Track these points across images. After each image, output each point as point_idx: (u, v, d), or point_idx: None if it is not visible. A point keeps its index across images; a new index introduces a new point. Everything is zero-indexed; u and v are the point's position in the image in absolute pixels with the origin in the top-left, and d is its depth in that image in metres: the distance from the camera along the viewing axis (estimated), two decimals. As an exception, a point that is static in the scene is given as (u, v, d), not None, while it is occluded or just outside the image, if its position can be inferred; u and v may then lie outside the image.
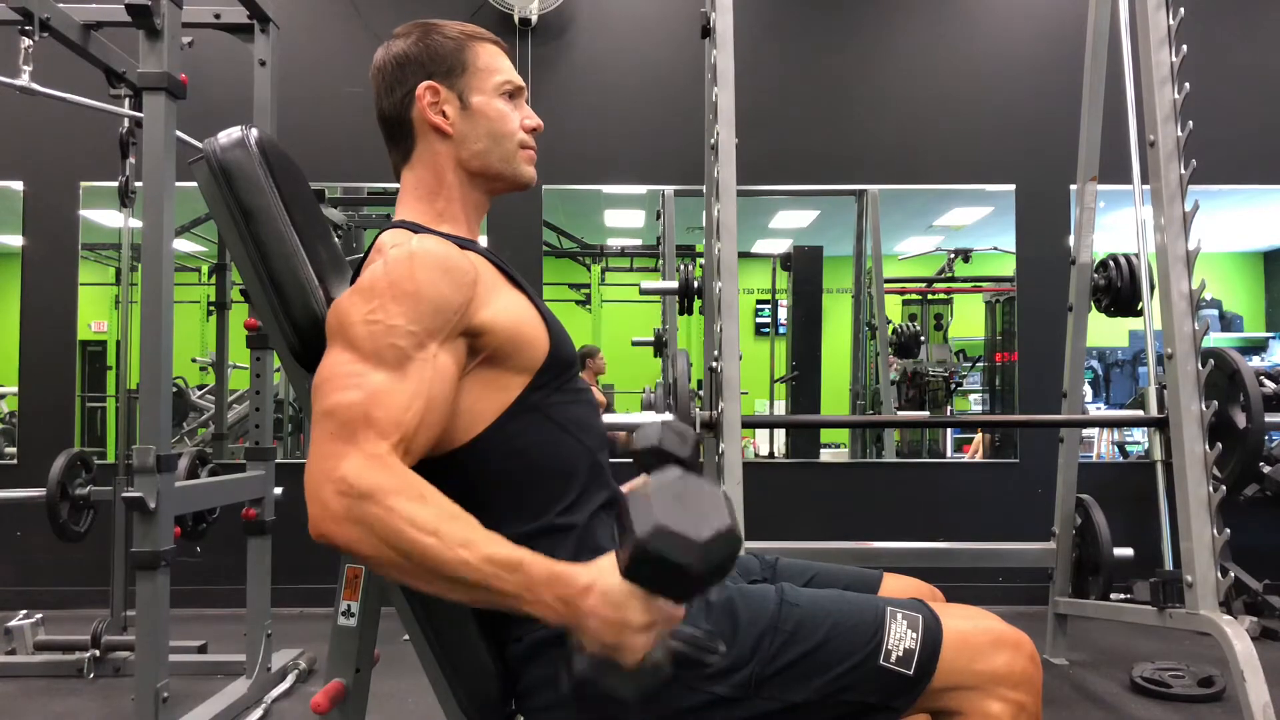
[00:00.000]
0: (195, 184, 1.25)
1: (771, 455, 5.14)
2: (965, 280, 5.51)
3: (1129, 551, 3.10)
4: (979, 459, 5.07)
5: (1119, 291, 3.15)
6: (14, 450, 4.30)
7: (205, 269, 4.84)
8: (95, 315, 4.86)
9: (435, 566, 0.91)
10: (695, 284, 3.07)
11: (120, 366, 3.48)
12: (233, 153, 1.22)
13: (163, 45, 2.30)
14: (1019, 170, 4.45)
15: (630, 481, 1.04)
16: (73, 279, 4.32)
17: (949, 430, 5.34)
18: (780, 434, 5.08)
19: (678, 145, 4.14)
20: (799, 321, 5.06)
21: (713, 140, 2.64)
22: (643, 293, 3.56)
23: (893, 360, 5.27)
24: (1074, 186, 3.39)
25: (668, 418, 1.09)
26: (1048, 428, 3.86)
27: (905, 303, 5.66)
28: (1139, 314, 3.19)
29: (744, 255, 3.43)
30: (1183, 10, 2.58)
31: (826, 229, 5.70)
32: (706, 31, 2.75)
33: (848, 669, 1.07)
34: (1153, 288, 3.10)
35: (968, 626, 1.10)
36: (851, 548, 3.32)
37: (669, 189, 4.53)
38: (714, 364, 2.57)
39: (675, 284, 3.12)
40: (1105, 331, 5.42)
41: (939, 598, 1.32)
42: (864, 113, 4.52)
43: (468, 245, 1.17)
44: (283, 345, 1.22)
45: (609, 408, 5.31)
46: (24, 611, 3.35)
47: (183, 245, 4.94)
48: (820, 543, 3.38)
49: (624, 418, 3.78)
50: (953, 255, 5.47)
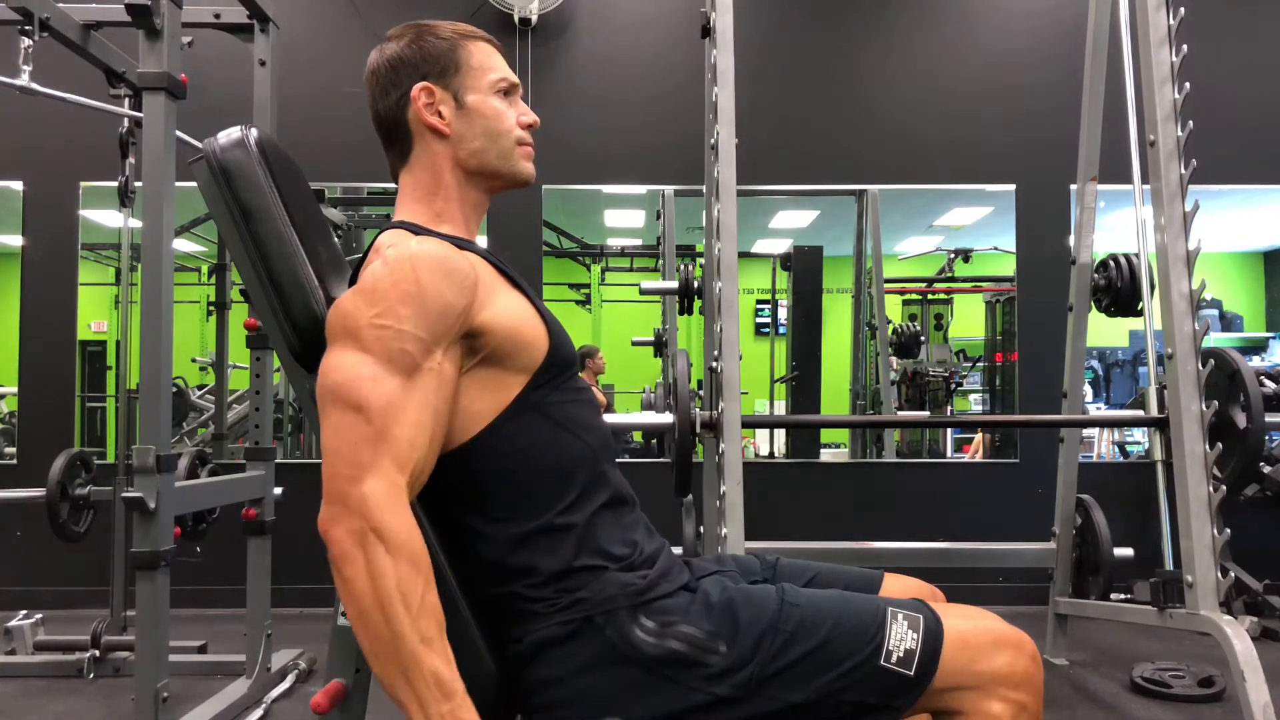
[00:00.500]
0: (195, 184, 1.25)
1: (771, 455, 5.14)
2: (965, 280, 5.51)
3: (1129, 551, 3.10)
4: (979, 459, 5.07)
5: (1119, 291, 3.15)
6: (14, 450, 4.30)
7: (205, 269, 4.84)
8: (95, 315, 4.86)
9: (391, 638, 0.94)
10: (695, 284, 3.07)
11: (120, 366, 3.48)
12: (232, 153, 1.22)
13: (163, 45, 2.30)
14: (1019, 170, 4.45)
15: None
16: (73, 279, 4.32)
17: (949, 430, 5.34)
18: (780, 434, 5.08)
19: (678, 145, 4.13)
20: (799, 321, 5.06)
21: (713, 140, 2.64)
22: (643, 293, 3.56)
23: (892, 361, 5.27)
24: (1074, 186, 3.39)
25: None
26: (1048, 428, 3.86)
27: (905, 303, 5.66)
28: (1139, 314, 3.18)
29: (744, 255, 3.43)
30: (1183, 10, 2.58)
31: (826, 229, 5.70)
32: (706, 31, 2.75)
33: (848, 669, 1.07)
34: (1153, 288, 3.10)
35: (968, 627, 1.10)
36: (851, 548, 3.32)
37: (669, 189, 4.53)
38: (714, 364, 2.57)
39: (675, 284, 3.12)
40: (1105, 331, 5.42)
41: (940, 598, 1.32)
42: (864, 113, 4.52)
43: (466, 246, 1.17)
44: (283, 345, 1.22)
45: (609, 408, 5.31)
46: (24, 611, 3.35)
47: (183, 245, 4.94)
48: (820, 543, 3.38)
49: (625, 418, 3.78)
50: (953, 255, 5.47)
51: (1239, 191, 4.61)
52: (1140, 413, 3.89)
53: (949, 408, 5.31)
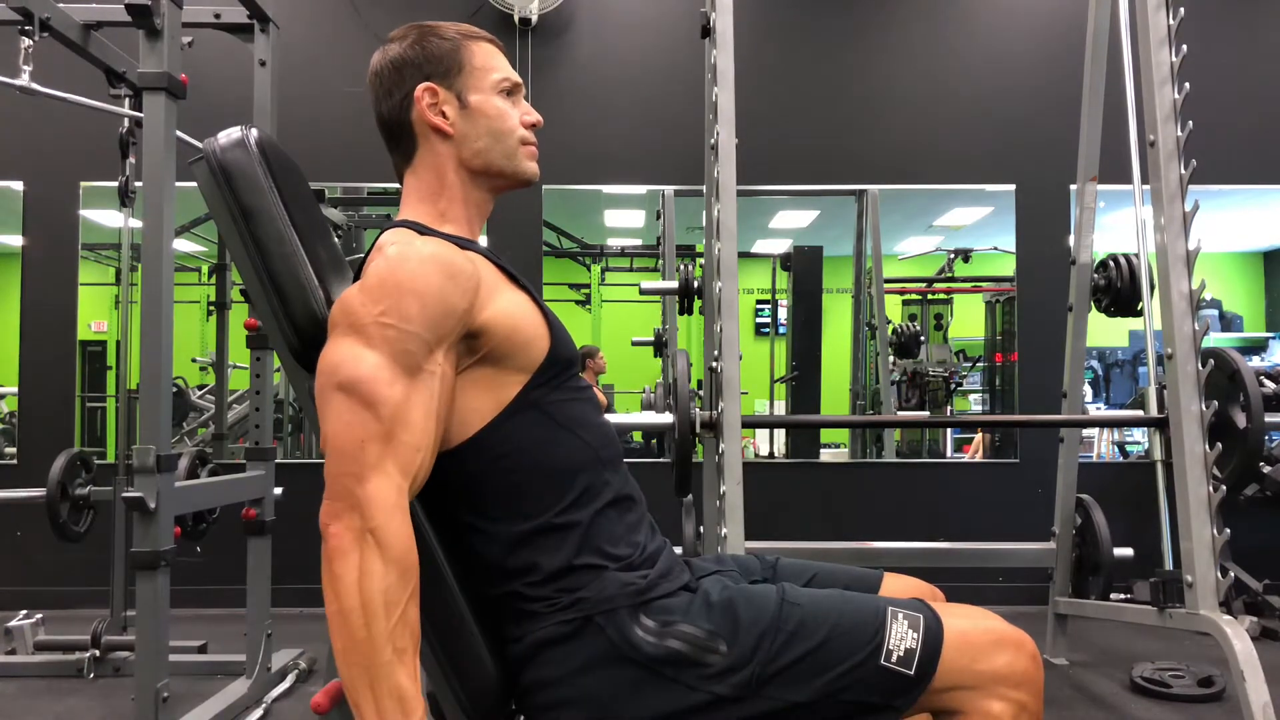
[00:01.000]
0: (195, 184, 1.25)
1: (771, 455, 5.14)
2: (965, 280, 5.50)
3: (1129, 551, 3.10)
4: (979, 459, 5.07)
5: (1119, 291, 3.15)
6: (14, 450, 4.30)
7: (205, 269, 4.84)
8: (95, 315, 4.86)
9: (365, 642, 0.94)
10: (695, 284, 3.07)
11: (120, 366, 3.48)
12: (233, 153, 1.22)
13: (163, 45, 2.30)
14: (1019, 170, 4.45)
15: None
16: (73, 279, 4.32)
17: (949, 430, 5.34)
18: (780, 434, 5.07)
19: (678, 145, 4.14)
20: (799, 321, 5.06)
21: (713, 140, 2.64)
22: (643, 293, 3.56)
23: (892, 361, 5.27)
24: (1074, 186, 3.39)
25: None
26: (1048, 428, 3.86)
27: (905, 303, 5.65)
28: (1139, 314, 3.18)
29: (744, 255, 3.43)
30: (1183, 10, 2.58)
31: (826, 229, 5.70)
32: (706, 31, 2.75)
33: (848, 669, 1.07)
34: (1153, 288, 3.10)
35: (969, 626, 1.10)
36: (851, 548, 3.32)
37: (669, 189, 4.53)
38: (714, 364, 2.57)
39: (675, 284, 3.12)
40: (1105, 331, 5.42)
41: (940, 598, 1.32)
42: (864, 113, 4.52)
43: (468, 246, 1.17)
44: (283, 345, 1.22)
45: (609, 408, 5.31)
46: (24, 611, 3.35)
47: (183, 245, 4.94)
48: (820, 543, 3.39)
49: (625, 418, 3.78)
50: (953, 255, 5.46)
51: (1239, 191, 4.61)
52: (1140, 413, 3.89)
53: (949, 408, 5.31)
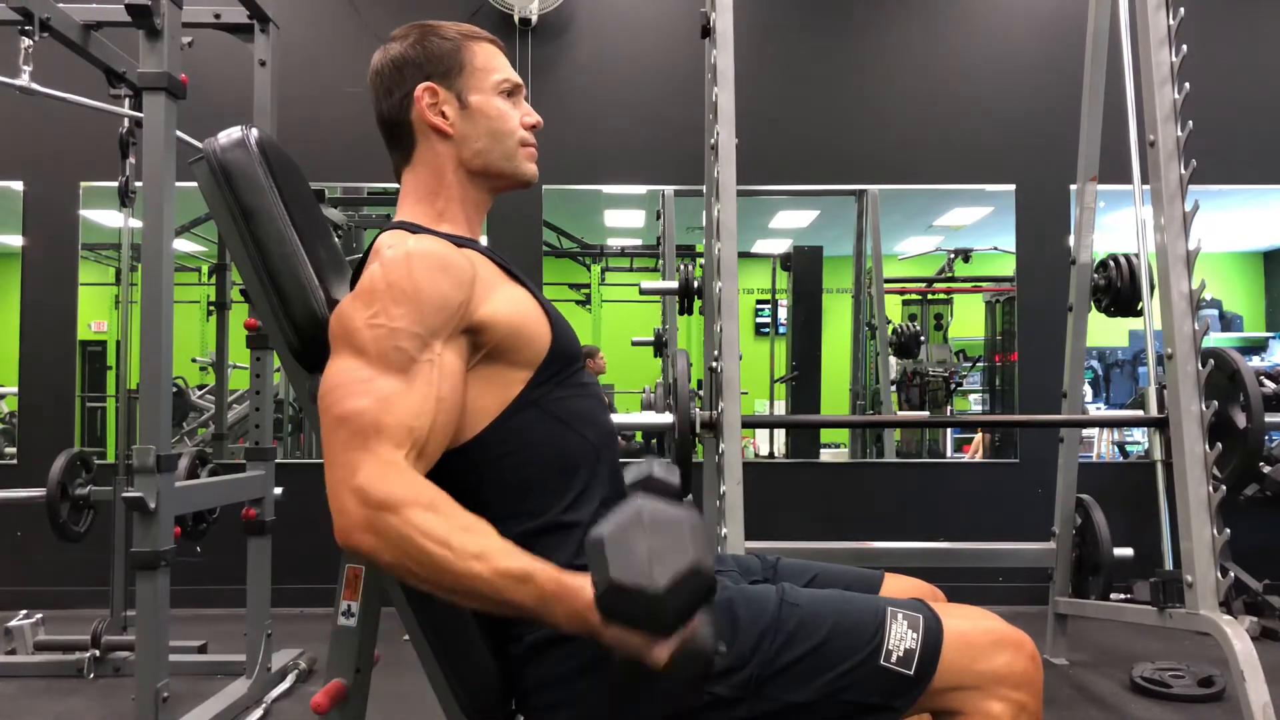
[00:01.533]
0: (195, 184, 1.25)
1: (771, 455, 5.14)
2: (965, 280, 5.50)
3: (1129, 551, 3.10)
4: (979, 459, 5.07)
5: (1119, 291, 3.15)
6: (14, 450, 4.30)
7: (205, 269, 4.84)
8: (95, 315, 4.86)
9: (448, 578, 0.93)
10: (695, 284, 3.07)
11: (120, 366, 3.48)
12: (233, 153, 1.22)
13: (163, 45, 2.30)
14: (1019, 170, 4.45)
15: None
16: (73, 279, 4.32)
17: (949, 430, 5.34)
18: (780, 434, 5.07)
19: (678, 145, 4.14)
20: (799, 321, 5.06)
21: (713, 140, 2.64)
22: (643, 293, 3.56)
23: (892, 361, 5.27)
24: (1074, 186, 3.39)
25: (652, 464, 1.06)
26: (1048, 428, 3.86)
27: (905, 303, 5.65)
28: (1139, 314, 3.18)
29: (744, 255, 3.43)
30: (1183, 10, 2.58)
31: (826, 229, 5.70)
32: (706, 31, 2.75)
33: (848, 669, 1.07)
34: (1153, 288, 3.10)
35: (968, 627, 1.10)
36: (851, 548, 3.32)
37: (669, 189, 4.53)
38: (714, 364, 2.57)
39: (675, 284, 3.12)
40: (1105, 331, 5.42)
41: (940, 598, 1.32)
42: (864, 113, 4.52)
43: (466, 244, 1.17)
44: (283, 345, 1.22)
45: (609, 408, 5.30)
46: (24, 611, 3.35)
47: (183, 245, 4.94)
48: (820, 543, 3.39)
49: (625, 418, 3.78)
50: (953, 255, 5.46)
51: (1239, 191, 4.61)
52: (1140, 413, 3.89)
53: (949, 408, 5.31)
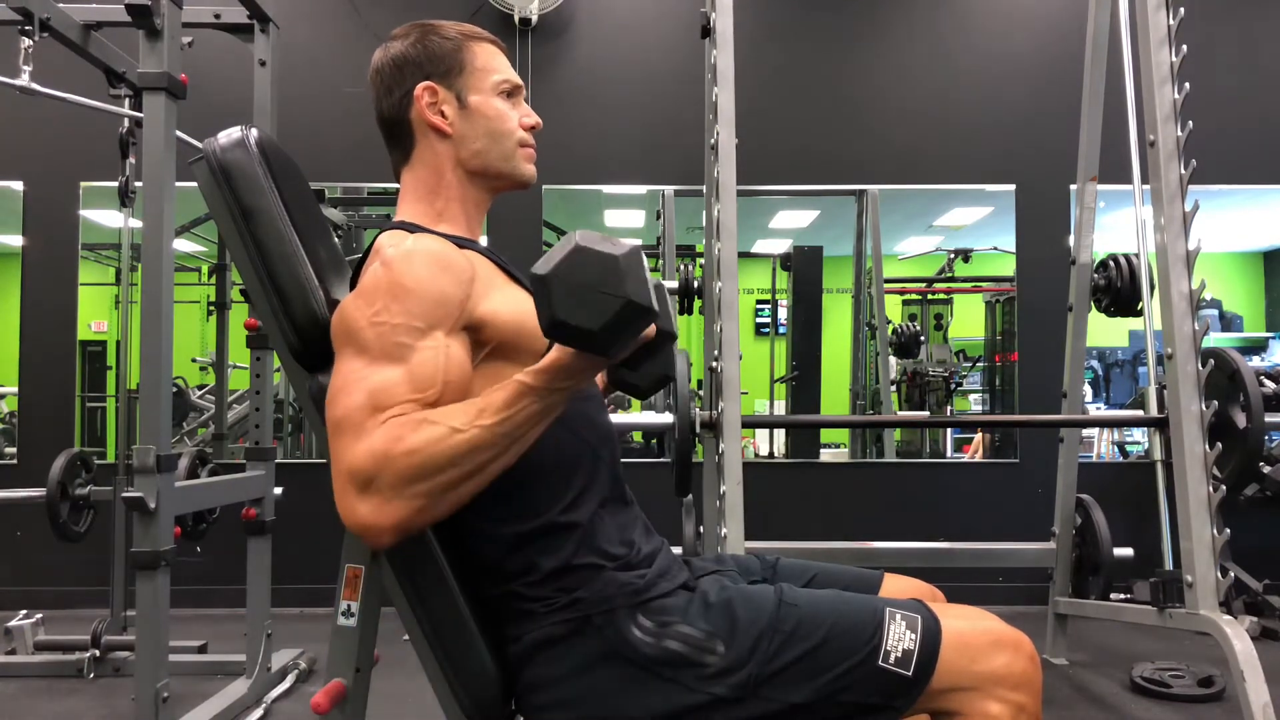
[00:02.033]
0: (195, 184, 1.25)
1: (771, 455, 5.13)
2: (965, 280, 5.50)
3: (1129, 551, 3.10)
4: (979, 459, 5.07)
5: (1119, 291, 3.15)
6: (14, 450, 4.30)
7: (205, 269, 4.83)
8: (95, 315, 4.86)
9: (479, 457, 0.97)
10: (695, 284, 3.07)
11: (120, 366, 3.48)
12: (233, 153, 1.23)
13: (163, 45, 2.30)
14: (1019, 170, 4.45)
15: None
16: (73, 279, 4.32)
17: (949, 430, 5.34)
18: (780, 434, 5.07)
19: (678, 145, 4.14)
20: (799, 321, 5.06)
21: (713, 140, 2.64)
22: (643, 292, 3.55)
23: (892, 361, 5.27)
24: (1074, 186, 3.39)
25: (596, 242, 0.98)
26: (1048, 428, 3.86)
27: (905, 303, 5.65)
28: (1139, 314, 3.18)
29: (744, 255, 3.43)
30: (1183, 10, 2.58)
31: (826, 229, 5.69)
32: (706, 31, 2.75)
33: (846, 669, 1.07)
34: (1153, 288, 3.10)
35: (967, 627, 1.10)
36: (851, 548, 3.32)
37: (669, 189, 4.53)
38: (714, 364, 2.57)
39: (675, 284, 3.12)
40: (1105, 331, 5.42)
41: (939, 598, 1.32)
42: (864, 113, 4.52)
43: (465, 244, 1.17)
44: (283, 345, 1.22)
45: (608, 408, 5.30)
46: (24, 611, 3.35)
47: (183, 245, 4.93)
48: (820, 543, 3.38)
49: (625, 418, 3.78)
50: (953, 255, 5.46)
51: (1239, 191, 4.61)
52: (1140, 413, 3.89)
53: (949, 408, 5.31)
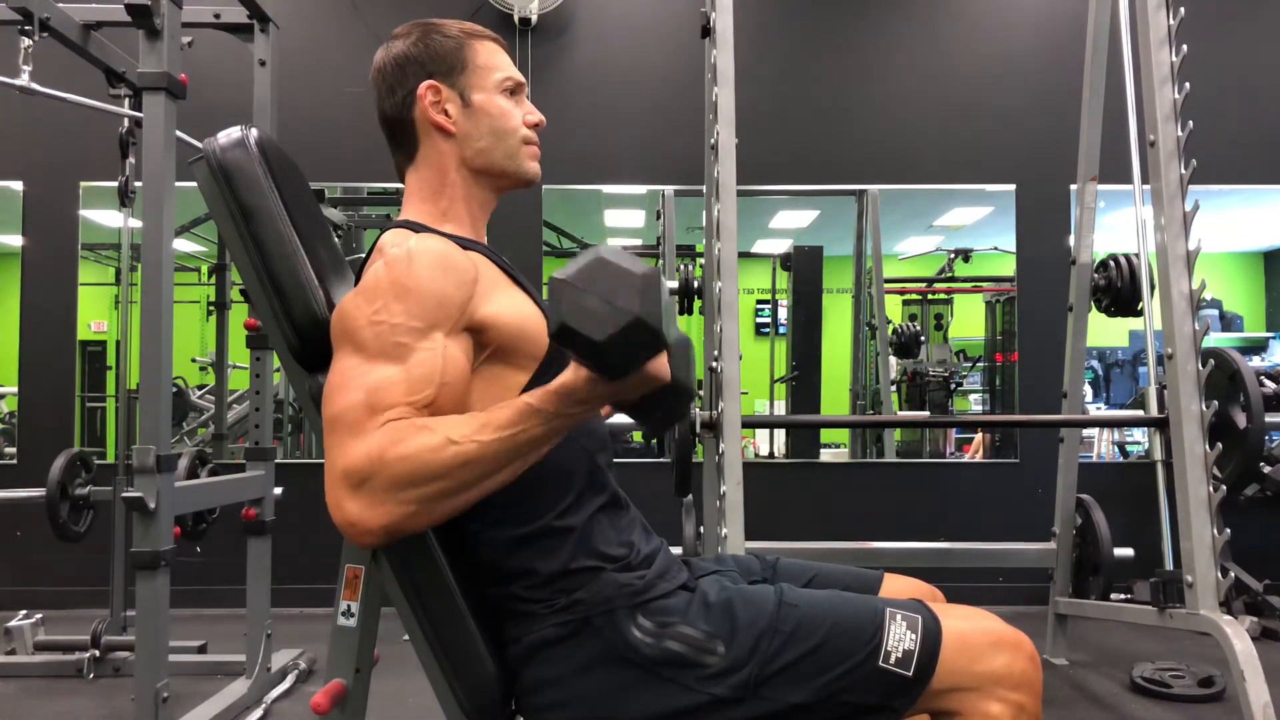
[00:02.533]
0: (195, 184, 1.25)
1: (771, 455, 5.13)
2: (965, 280, 5.50)
3: (1129, 551, 3.10)
4: (979, 459, 5.07)
5: (1119, 291, 3.15)
6: (14, 450, 4.30)
7: (205, 269, 4.84)
8: (95, 315, 4.86)
9: (476, 469, 0.96)
10: (695, 284, 3.07)
11: (120, 366, 3.48)
12: (233, 153, 1.22)
13: (163, 45, 2.30)
14: (1019, 170, 4.45)
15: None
16: (73, 279, 4.32)
17: (949, 430, 5.34)
18: (780, 434, 5.07)
19: (678, 145, 4.14)
20: (799, 321, 5.06)
21: (713, 140, 2.64)
22: (643, 292, 3.55)
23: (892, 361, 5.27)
24: (1074, 186, 3.39)
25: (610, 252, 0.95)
26: (1048, 428, 3.86)
27: (905, 303, 5.65)
28: (1139, 314, 3.18)
29: (744, 255, 3.43)
30: (1183, 10, 2.58)
31: (826, 229, 5.69)
32: (706, 31, 2.75)
33: (847, 670, 1.07)
34: (1153, 288, 3.10)
35: (967, 627, 1.10)
36: (851, 548, 3.32)
37: (669, 189, 4.53)
38: (714, 364, 2.57)
39: (675, 284, 3.12)
40: (1105, 331, 5.42)
41: (939, 598, 1.32)
42: (864, 113, 4.52)
43: (469, 244, 1.17)
44: (283, 345, 1.22)
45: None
46: (24, 611, 3.35)
47: (183, 245, 4.94)
48: (820, 543, 3.38)
49: (625, 418, 3.78)
50: (953, 255, 5.46)
51: (1239, 191, 4.61)
52: (1140, 413, 3.89)
53: (949, 408, 5.31)
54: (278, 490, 3.00)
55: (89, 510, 3.16)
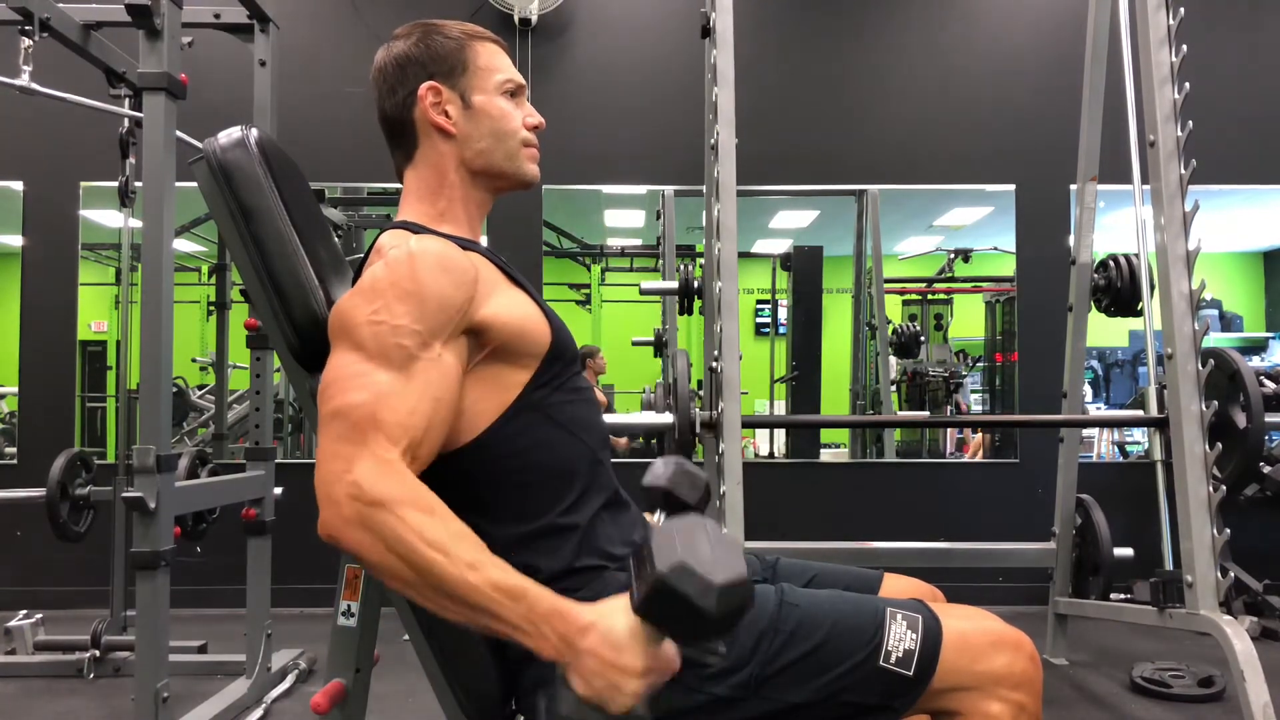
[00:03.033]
0: (195, 184, 1.25)
1: (771, 455, 5.14)
2: (965, 280, 5.51)
3: (1129, 551, 3.10)
4: (979, 459, 5.07)
5: (1119, 291, 3.15)
6: (14, 450, 4.30)
7: (205, 269, 4.84)
8: (95, 315, 4.86)
9: (440, 583, 0.89)
10: (695, 284, 3.07)
11: (120, 366, 3.48)
12: (233, 153, 1.23)
13: (163, 45, 2.30)
14: (1019, 170, 4.45)
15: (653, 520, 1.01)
16: (73, 279, 4.32)
17: (949, 430, 5.34)
18: (780, 434, 5.08)
19: (678, 145, 4.14)
20: (799, 321, 5.06)
21: (713, 140, 2.64)
22: (643, 293, 3.56)
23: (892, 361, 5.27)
24: (1074, 186, 3.39)
25: (677, 459, 1.17)
26: (1048, 428, 3.86)
27: (905, 303, 5.65)
28: (1139, 314, 3.18)
29: (744, 255, 3.43)
30: (1183, 10, 2.58)
31: (826, 229, 5.70)
32: (706, 31, 2.75)
33: (847, 670, 1.07)
34: (1153, 288, 3.10)
35: (968, 627, 1.10)
36: (851, 548, 3.32)
37: (669, 189, 4.53)
38: (714, 364, 2.57)
39: (675, 284, 3.12)
40: (1105, 331, 5.42)
41: (939, 598, 1.32)
42: (864, 113, 4.52)
43: (468, 245, 1.17)
44: (283, 345, 1.22)
45: (609, 408, 5.31)
46: (24, 611, 3.35)
47: (183, 245, 4.94)
48: (820, 543, 3.38)
49: (626, 418, 3.78)
50: (953, 255, 5.46)
51: (1239, 191, 4.61)
52: (1140, 413, 3.89)
53: (949, 408, 5.31)
54: (278, 490, 3.00)
55: (89, 510, 3.16)
